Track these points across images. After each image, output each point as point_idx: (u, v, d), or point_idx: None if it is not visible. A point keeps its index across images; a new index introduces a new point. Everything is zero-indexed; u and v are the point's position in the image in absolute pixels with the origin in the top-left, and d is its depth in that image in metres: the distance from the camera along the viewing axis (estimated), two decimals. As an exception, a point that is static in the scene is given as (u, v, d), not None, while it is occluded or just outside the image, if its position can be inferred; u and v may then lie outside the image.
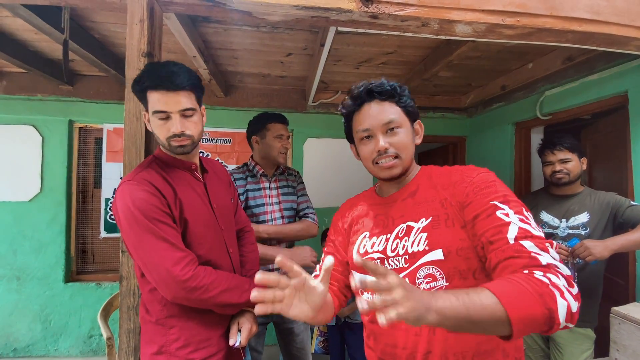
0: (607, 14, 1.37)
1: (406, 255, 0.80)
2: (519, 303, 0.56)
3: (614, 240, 1.46)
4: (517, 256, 0.65)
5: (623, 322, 1.30)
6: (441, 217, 0.78)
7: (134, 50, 1.13)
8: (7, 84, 2.65)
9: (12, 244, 2.67)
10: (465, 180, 0.80)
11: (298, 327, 1.72)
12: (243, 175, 1.68)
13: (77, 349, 2.74)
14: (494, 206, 0.72)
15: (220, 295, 0.96)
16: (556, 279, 0.60)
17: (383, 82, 0.87)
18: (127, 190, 0.92)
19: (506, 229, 0.69)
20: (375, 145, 0.85)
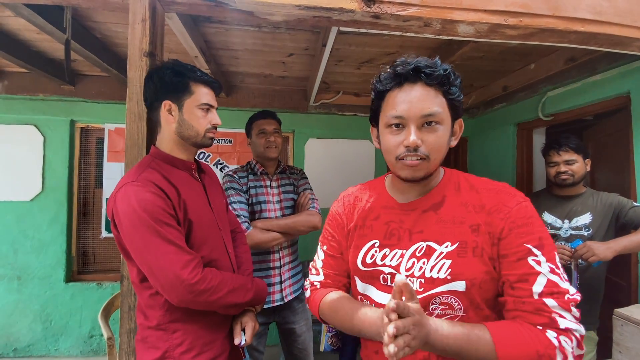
0: (609, 14, 1.36)
1: (422, 278, 0.72)
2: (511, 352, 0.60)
3: (617, 242, 1.46)
4: (536, 314, 0.64)
5: (626, 323, 1.29)
6: (469, 244, 0.70)
7: (136, 50, 1.12)
8: (9, 84, 2.65)
9: (13, 243, 2.67)
10: (502, 210, 0.71)
11: (300, 328, 1.72)
12: (245, 173, 1.69)
13: (77, 349, 2.74)
14: (528, 251, 0.67)
15: (226, 297, 0.95)
16: (567, 343, 0.61)
17: (437, 63, 0.71)
18: (131, 192, 0.89)
19: (534, 279, 0.65)
20: (406, 138, 0.70)
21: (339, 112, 3.09)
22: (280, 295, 1.63)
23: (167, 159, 1.03)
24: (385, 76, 0.75)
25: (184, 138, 1.04)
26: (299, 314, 1.72)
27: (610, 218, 1.57)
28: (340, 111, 3.09)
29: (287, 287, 1.65)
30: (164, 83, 1.00)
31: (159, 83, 1.00)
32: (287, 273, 1.66)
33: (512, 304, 0.67)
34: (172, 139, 1.04)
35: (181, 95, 1.01)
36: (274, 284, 1.62)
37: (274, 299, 1.61)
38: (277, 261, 1.64)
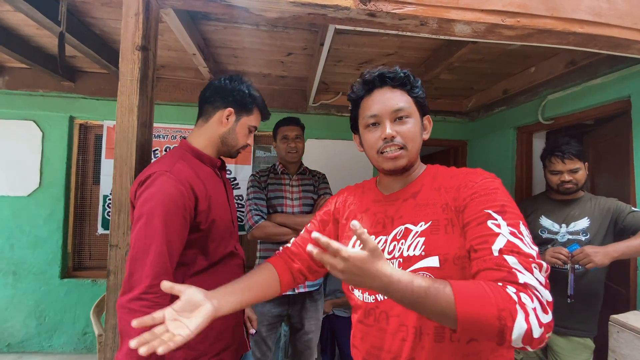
0: (609, 16, 1.35)
1: (400, 258, 0.76)
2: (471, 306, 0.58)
3: (615, 247, 1.43)
4: (496, 269, 0.63)
5: (622, 330, 1.26)
6: (441, 222, 0.75)
7: (128, 44, 1.12)
8: (8, 79, 2.66)
9: (9, 238, 2.67)
10: (467, 185, 0.76)
11: (309, 326, 1.82)
12: (267, 172, 1.89)
13: (71, 346, 2.73)
14: (487, 215, 0.69)
15: (123, 351, 0.83)
16: (527, 300, 0.58)
17: (397, 69, 0.84)
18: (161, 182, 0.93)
19: (493, 239, 0.65)
20: (382, 132, 0.81)
21: (338, 113, 3.08)
22: None
23: (197, 154, 1.10)
24: (357, 87, 0.88)
25: (224, 144, 1.15)
26: (310, 312, 1.82)
27: (608, 223, 1.55)
28: (339, 112, 3.08)
29: None
30: (239, 94, 1.13)
31: (236, 92, 1.13)
32: None
33: (475, 266, 0.67)
34: (211, 139, 1.13)
35: (244, 111, 1.15)
36: None
37: None
38: None
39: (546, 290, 0.61)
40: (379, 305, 0.78)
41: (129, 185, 1.09)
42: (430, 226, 0.76)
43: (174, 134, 2.90)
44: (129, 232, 1.09)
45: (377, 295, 0.79)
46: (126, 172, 1.10)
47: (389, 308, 0.77)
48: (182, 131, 2.91)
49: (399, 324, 0.75)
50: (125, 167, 1.10)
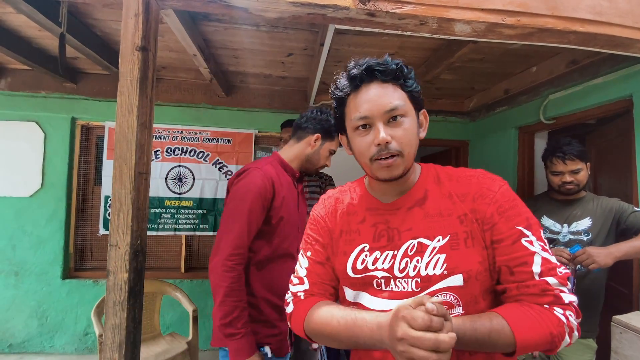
0: (610, 14, 1.34)
1: (418, 277, 0.69)
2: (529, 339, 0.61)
3: (618, 247, 1.42)
4: (542, 294, 0.65)
5: (625, 331, 1.25)
6: (460, 235, 0.69)
7: (128, 44, 1.12)
8: (11, 81, 2.68)
9: (11, 239, 2.69)
10: (487, 195, 0.70)
11: None
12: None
13: (72, 346, 2.73)
14: (520, 232, 0.67)
15: (217, 303, 1.16)
16: (572, 317, 0.64)
17: (387, 60, 0.71)
18: (252, 174, 1.23)
19: (531, 260, 0.66)
20: (375, 136, 0.69)
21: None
22: None
23: (283, 164, 1.37)
24: (341, 82, 0.75)
25: (308, 161, 1.40)
26: None
27: (611, 223, 1.54)
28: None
29: None
30: (327, 123, 1.37)
31: (324, 122, 1.37)
32: None
33: (516, 289, 0.67)
34: (298, 156, 1.39)
35: (328, 137, 1.39)
36: None
37: None
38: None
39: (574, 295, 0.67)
40: None
41: (128, 186, 1.09)
42: (450, 241, 0.69)
43: (175, 134, 2.91)
44: (128, 232, 1.09)
45: None
46: (126, 172, 1.10)
47: None
48: (183, 132, 2.92)
49: None
50: (125, 168, 1.10)
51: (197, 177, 2.93)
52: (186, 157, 2.92)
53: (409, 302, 0.57)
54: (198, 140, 2.94)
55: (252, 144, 3.02)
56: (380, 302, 0.72)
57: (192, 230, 2.92)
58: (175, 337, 2.28)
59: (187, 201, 2.91)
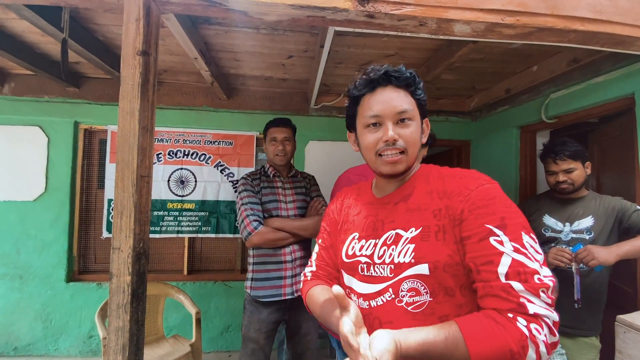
0: (610, 13, 1.33)
1: (392, 264, 0.76)
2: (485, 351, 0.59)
3: (620, 246, 1.41)
4: (504, 298, 0.63)
5: (629, 330, 1.24)
6: (432, 228, 0.73)
7: (129, 49, 1.13)
8: (14, 86, 2.70)
9: (16, 242, 2.71)
10: (462, 192, 0.73)
11: (307, 327, 1.76)
12: (258, 175, 1.82)
13: (76, 349, 2.75)
14: (489, 231, 0.67)
15: None
16: (538, 331, 0.60)
17: (402, 69, 0.81)
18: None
19: (498, 259, 0.65)
20: (384, 134, 0.78)
21: (340, 114, 3.08)
22: (291, 289, 1.69)
23: None
24: (360, 82, 0.84)
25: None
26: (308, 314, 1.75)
27: (613, 222, 1.53)
28: (340, 114, 3.08)
29: (299, 281, 1.66)
30: None
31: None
32: (298, 268, 1.72)
33: (482, 289, 0.67)
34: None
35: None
36: (286, 277, 1.69)
37: (285, 292, 1.68)
38: (287, 255, 1.70)
39: (554, 312, 0.63)
40: (372, 312, 0.78)
41: (130, 189, 1.10)
42: (421, 232, 0.74)
43: (177, 137, 2.92)
44: (131, 235, 1.10)
45: (370, 301, 0.79)
46: (128, 175, 1.11)
47: (382, 314, 0.76)
48: (185, 135, 2.93)
49: None
50: (127, 171, 1.11)
51: (199, 179, 2.94)
52: (188, 160, 2.94)
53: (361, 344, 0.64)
54: (200, 142, 2.96)
55: (253, 146, 3.03)
56: (364, 286, 0.81)
57: (195, 233, 2.93)
58: (178, 340, 2.29)
59: (189, 204, 2.92)
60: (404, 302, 0.74)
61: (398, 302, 0.74)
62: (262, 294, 1.67)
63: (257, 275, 1.70)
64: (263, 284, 1.68)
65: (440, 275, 0.71)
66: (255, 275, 1.71)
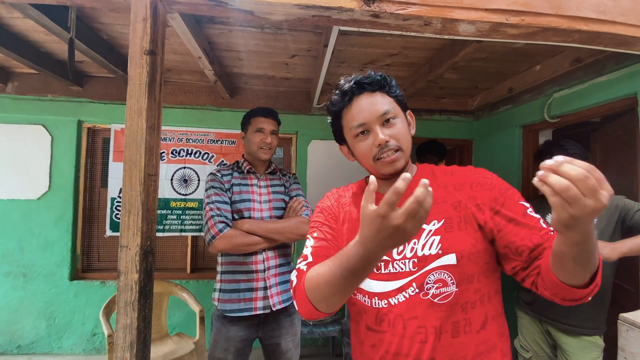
0: (613, 13, 1.34)
1: (415, 258, 0.76)
2: None
3: (623, 243, 1.42)
4: None
5: (631, 328, 1.25)
6: (454, 219, 0.77)
7: (137, 48, 1.14)
8: (18, 85, 2.71)
9: (19, 241, 2.72)
10: (484, 182, 0.80)
11: (286, 344, 1.55)
12: (229, 171, 1.59)
13: (80, 347, 2.76)
14: (523, 206, 0.77)
15: None
16: None
17: (370, 73, 0.83)
18: None
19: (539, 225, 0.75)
20: (375, 139, 0.78)
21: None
22: (263, 303, 1.47)
23: None
24: (335, 98, 0.85)
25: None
26: (286, 329, 1.55)
27: (616, 221, 1.54)
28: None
29: (274, 294, 1.49)
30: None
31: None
32: (273, 278, 1.51)
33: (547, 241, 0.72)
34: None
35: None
36: (257, 289, 1.47)
37: (256, 306, 1.46)
38: (260, 263, 1.49)
39: None
40: (392, 310, 0.75)
41: (138, 187, 1.11)
42: (444, 224, 0.77)
43: (180, 136, 2.93)
44: (138, 233, 1.11)
45: (389, 299, 0.76)
46: (135, 174, 1.12)
47: (404, 311, 0.74)
48: (188, 134, 2.94)
49: (418, 326, 0.73)
50: (135, 170, 1.12)
51: (202, 178, 2.95)
52: (191, 159, 2.95)
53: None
54: (203, 141, 2.97)
55: (256, 145, 3.03)
56: (379, 284, 0.79)
57: (198, 231, 2.94)
58: (182, 337, 2.30)
59: (192, 202, 2.93)
60: (430, 295, 0.74)
61: (423, 296, 0.74)
62: (230, 307, 1.46)
63: (226, 287, 1.50)
64: (231, 297, 1.47)
65: (465, 263, 0.74)
66: (223, 286, 1.50)
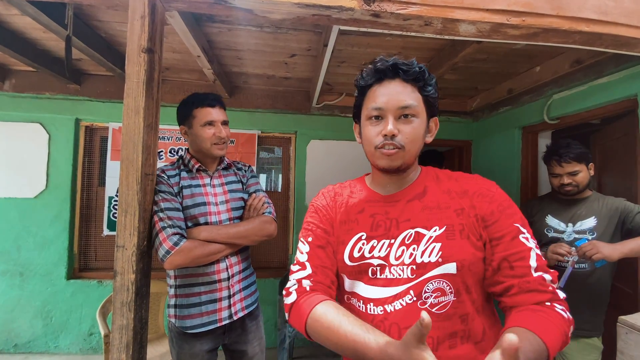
0: (615, 14, 1.34)
1: (414, 265, 0.73)
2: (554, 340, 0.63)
3: (624, 244, 1.42)
4: (542, 290, 0.68)
5: (630, 331, 1.25)
6: (456, 227, 0.74)
7: (135, 46, 1.13)
8: (16, 82, 2.69)
9: (16, 239, 2.70)
10: (486, 194, 0.76)
11: (253, 349, 1.43)
12: (176, 171, 1.36)
13: (77, 347, 2.74)
14: (517, 229, 0.73)
15: None
16: (568, 311, 0.68)
17: (413, 62, 0.78)
18: None
19: (528, 255, 0.70)
20: (384, 127, 0.75)
21: (342, 113, 3.08)
22: (229, 311, 1.33)
23: None
24: (367, 72, 0.81)
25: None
26: (252, 333, 1.42)
27: (616, 223, 1.53)
28: (342, 113, 3.08)
29: (237, 301, 1.36)
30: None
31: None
32: (237, 285, 1.36)
33: (518, 285, 0.69)
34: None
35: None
36: (221, 299, 1.32)
37: (220, 317, 1.31)
38: (222, 272, 1.32)
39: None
40: (388, 317, 0.73)
41: (135, 187, 1.10)
42: (446, 231, 0.74)
43: (179, 135, 2.91)
44: (135, 233, 1.10)
45: (385, 306, 0.73)
46: (132, 173, 1.11)
47: (400, 319, 0.72)
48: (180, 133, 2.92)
49: None
50: (132, 169, 1.11)
51: (200, 177, 2.93)
52: (189, 158, 2.93)
53: (414, 336, 0.54)
54: (201, 141, 2.95)
55: (255, 145, 3.02)
56: (375, 290, 0.76)
57: (196, 231, 2.92)
58: (179, 338, 2.29)
59: (190, 202, 2.92)
60: (428, 304, 0.71)
61: (421, 305, 0.71)
62: (191, 324, 1.29)
63: (183, 301, 1.30)
64: (191, 312, 1.29)
65: (465, 273, 0.72)
66: (180, 301, 1.31)
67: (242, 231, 1.32)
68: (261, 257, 3.06)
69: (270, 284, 2.89)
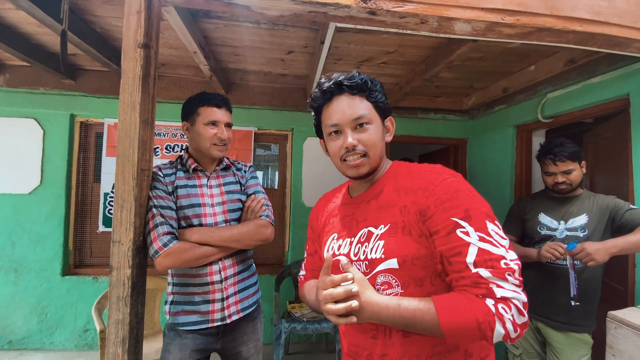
0: (608, 14, 1.35)
1: (366, 261, 0.80)
2: (454, 323, 0.65)
3: (614, 242, 1.44)
4: (475, 287, 0.68)
5: (619, 326, 1.28)
6: (399, 224, 0.77)
7: (130, 41, 1.12)
8: (10, 77, 2.67)
9: (10, 236, 2.68)
10: (427, 188, 0.76)
11: (247, 351, 1.41)
12: (172, 170, 1.35)
13: (72, 343, 2.74)
14: (454, 223, 0.70)
15: None
16: (505, 310, 0.65)
17: (354, 75, 0.83)
18: None
19: (465, 250, 0.69)
20: (344, 141, 0.82)
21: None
22: (222, 314, 1.31)
23: None
24: (316, 95, 0.87)
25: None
26: (248, 335, 1.41)
27: (606, 220, 1.56)
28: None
29: (231, 304, 1.33)
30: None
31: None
32: (232, 288, 1.34)
33: (455, 280, 0.71)
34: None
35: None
36: (214, 301, 1.30)
37: (213, 318, 1.30)
38: (215, 274, 1.30)
39: (522, 293, 0.67)
40: None
41: (131, 182, 1.10)
42: (389, 229, 0.78)
43: (175, 131, 2.91)
44: (131, 228, 1.10)
45: None
46: (128, 169, 1.11)
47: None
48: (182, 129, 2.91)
49: (369, 324, 0.79)
50: (128, 164, 1.11)
51: (196, 174, 2.93)
52: (186, 155, 2.92)
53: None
54: (197, 137, 2.94)
55: (251, 141, 3.02)
56: None
57: (192, 228, 2.92)
58: (175, 334, 2.29)
59: (186, 198, 2.91)
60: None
61: None
62: (184, 320, 1.30)
63: (179, 299, 1.33)
64: (185, 308, 1.31)
65: (409, 268, 0.74)
66: (175, 298, 1.34)
67: (235, 234, 1.29)
68: (258, 253, 3.07)
69: (267, 280, 2.90)
